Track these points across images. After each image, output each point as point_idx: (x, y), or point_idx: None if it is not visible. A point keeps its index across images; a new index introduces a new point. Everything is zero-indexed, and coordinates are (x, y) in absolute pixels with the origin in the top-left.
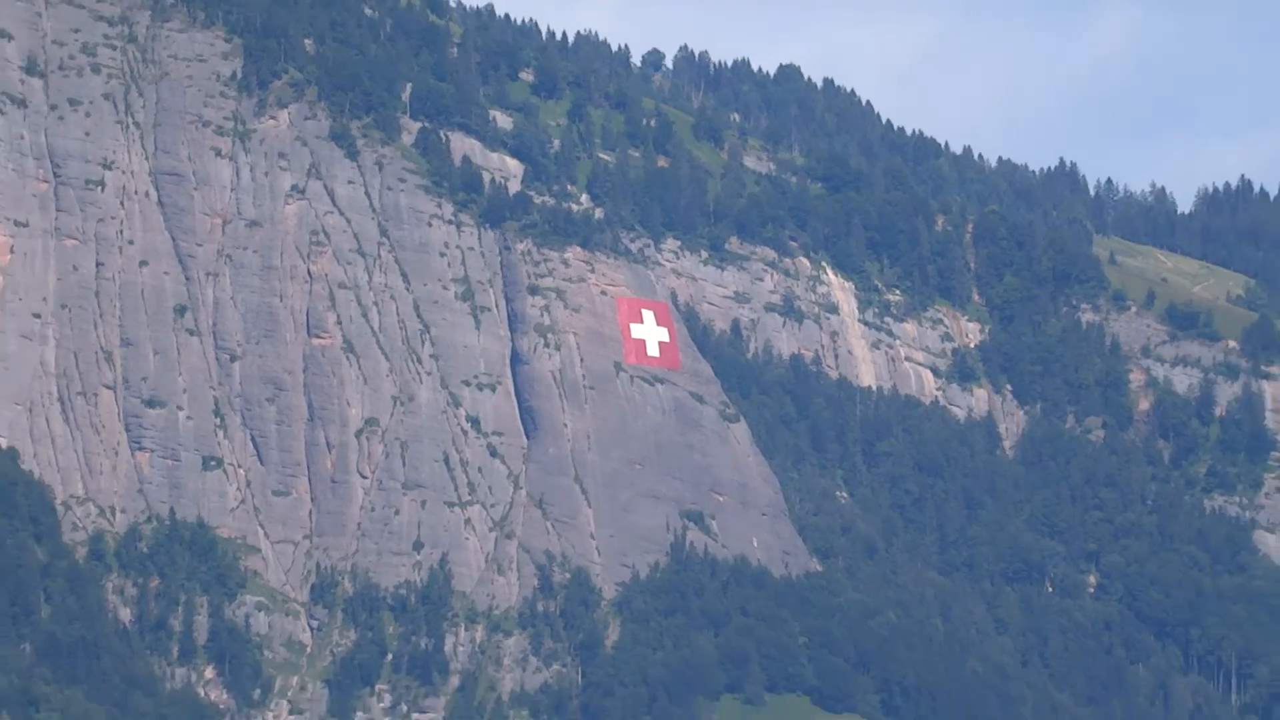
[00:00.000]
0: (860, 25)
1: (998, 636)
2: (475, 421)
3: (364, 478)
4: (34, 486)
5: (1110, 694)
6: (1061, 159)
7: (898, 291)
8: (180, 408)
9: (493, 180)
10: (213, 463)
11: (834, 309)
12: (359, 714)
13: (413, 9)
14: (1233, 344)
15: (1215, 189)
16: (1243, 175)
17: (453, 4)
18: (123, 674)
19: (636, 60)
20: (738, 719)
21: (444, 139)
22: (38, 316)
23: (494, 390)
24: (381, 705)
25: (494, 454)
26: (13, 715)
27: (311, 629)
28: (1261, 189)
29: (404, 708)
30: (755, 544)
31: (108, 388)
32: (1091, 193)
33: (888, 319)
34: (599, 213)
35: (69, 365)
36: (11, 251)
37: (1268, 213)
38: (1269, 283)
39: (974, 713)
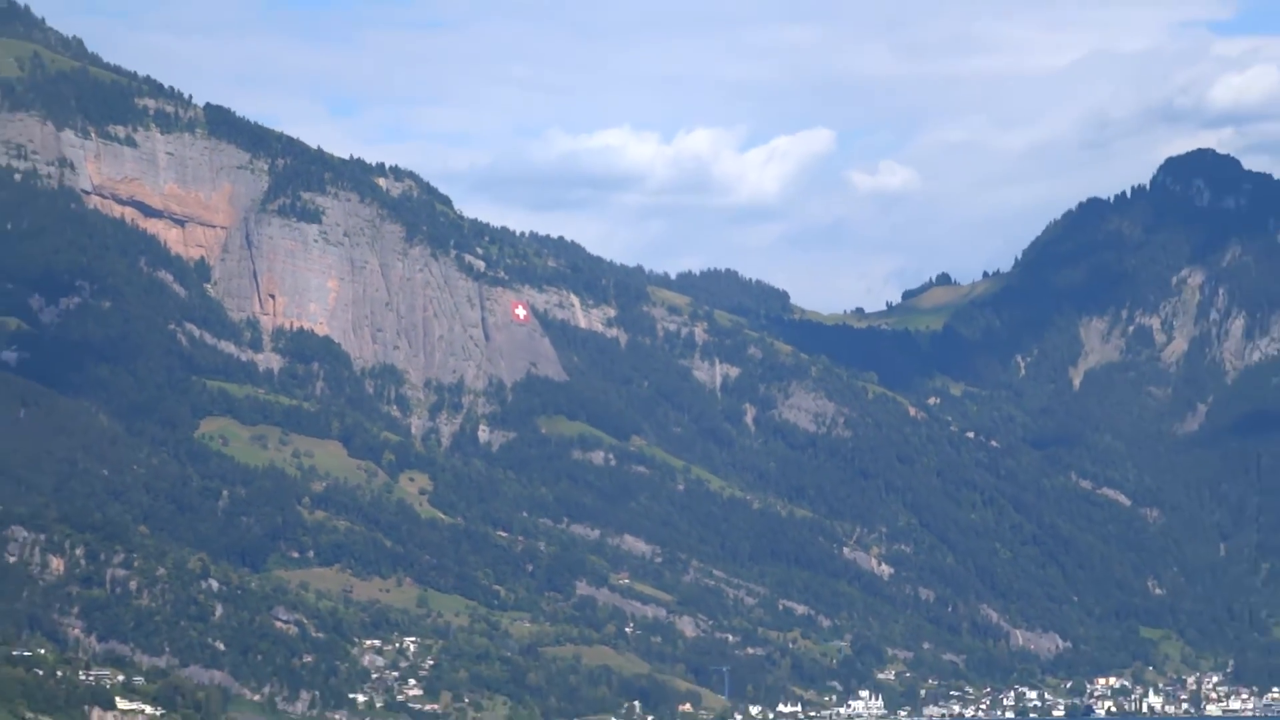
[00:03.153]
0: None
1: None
2: (474, 337)
3: (441, 354)
4: (345, 356)
5: (634, 429)
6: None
7: (591, 303)
8: (388, 333)
9: (478, 270)
10: (396, 349)
11: (573, 307)
12: (438, 421)
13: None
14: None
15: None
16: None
17: (468, 216)
18: (366, 417)
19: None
20: (551, 424)
21: (470, 264)
22: (347, 305)
23: (479, 329)
24: (445, 417)
25: (478, 348)
26: (344, 431)
27: (424, 397)
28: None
29: (451, 417)
30: (550, 371)
31: (370, 327)
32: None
33: (589, 309)
34: (507, 278)
35: (357, 318)
36: (339, 284)
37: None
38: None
39: (592, 403)
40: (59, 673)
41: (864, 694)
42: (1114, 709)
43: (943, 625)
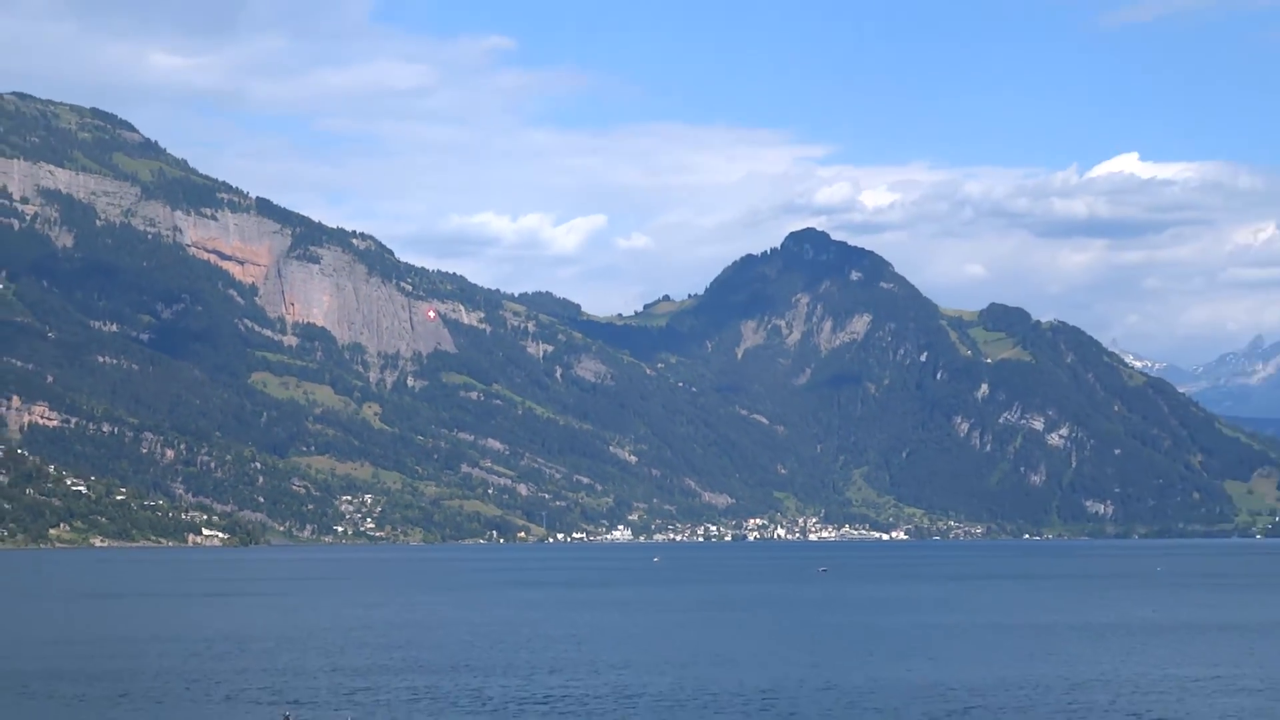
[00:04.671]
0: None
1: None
2: (405, 328)
3: (387, 337)
4: (333, 338)
5: (494, 380)
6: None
7: (470, 309)
8: (357, 325)
9: (408, 290)
10: (362, 334)
11: (460, 311)
12: (385, 375)
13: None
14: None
15: None
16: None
17: (404, 261)
18: (345, 372)
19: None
20: (448, 377)
21: (404, 287)
22: (335, 310)
23: (408, 324)
24: (388, 373)
25: (407, 334)
26: (332, 379)
27: (377, 360)
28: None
29: (392, 372)
30: (448, 347)
31: (347, 322)
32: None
33: (469, 313)
34: (424, 295)
35: (340, 317)
36: (330, 298)
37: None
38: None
39: (471, 365)
40: (170, 514)
41: (620, 528)
42: (758, 537)
43: (664, 489)
